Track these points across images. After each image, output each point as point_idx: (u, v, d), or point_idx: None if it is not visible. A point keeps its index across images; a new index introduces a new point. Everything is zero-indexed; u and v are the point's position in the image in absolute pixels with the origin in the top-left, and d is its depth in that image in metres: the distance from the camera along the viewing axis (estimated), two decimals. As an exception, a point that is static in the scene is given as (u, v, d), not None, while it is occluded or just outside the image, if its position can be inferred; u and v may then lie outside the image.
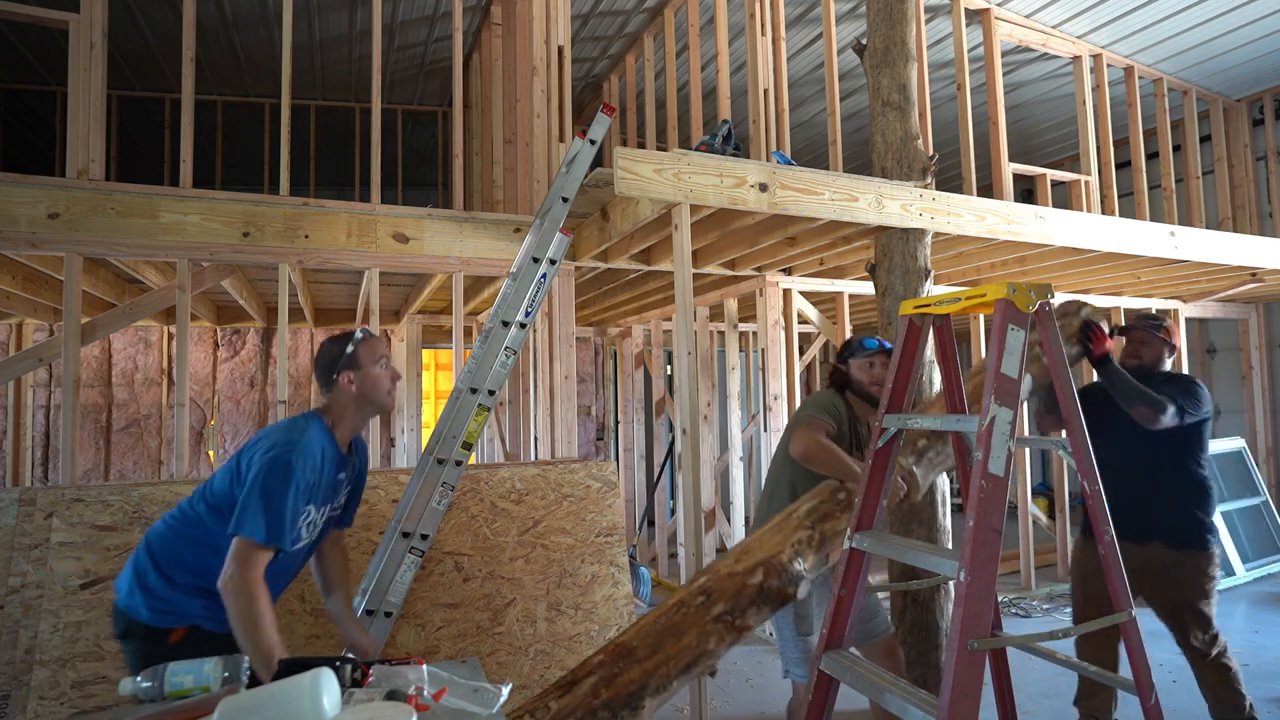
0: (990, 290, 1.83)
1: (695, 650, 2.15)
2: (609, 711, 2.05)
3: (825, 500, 2.41)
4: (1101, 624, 1.86)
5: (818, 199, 3.43)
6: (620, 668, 2.11)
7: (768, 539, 2.35)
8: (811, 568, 2.30)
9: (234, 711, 1.32)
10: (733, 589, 2.22)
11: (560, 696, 2.07)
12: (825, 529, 2.34)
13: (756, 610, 2.22)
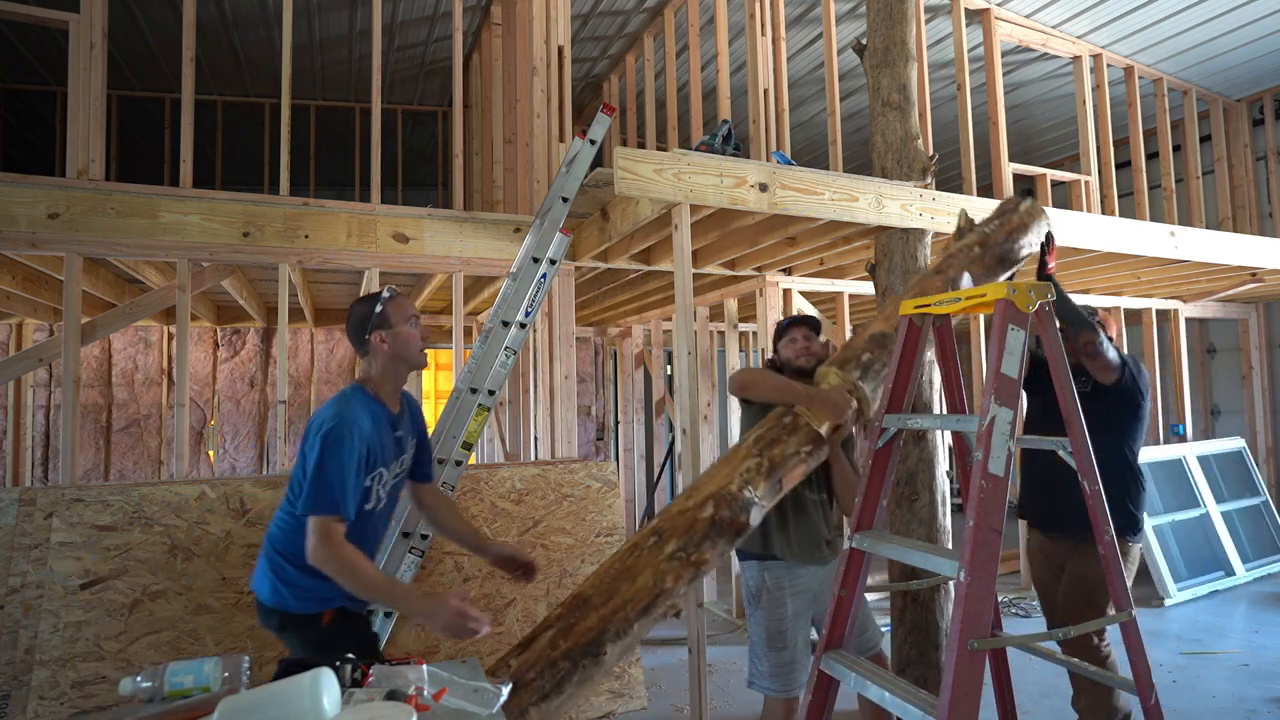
0: (990, 290, 1.83)
1: (652, 591, 2.11)
2: (569, 661, 2.02)
3: (771, 426, 2.36)
4: (1102, 624, 1.86)
5: (818, 199, 3.43)
6: (577, 617, 2.08)
7: (717, 472, 2.31)
8: (764, 494, 2.26)
9: (234, 711, 1.32)
10: (684, 525, 2.19)
11: (520, 653, 2.05)
12: (773, 454, 2.29)
13: (711, 543, 2.19)
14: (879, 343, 2.46)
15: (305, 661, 1.50)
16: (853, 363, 2.44)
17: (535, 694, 1.97)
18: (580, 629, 2.05)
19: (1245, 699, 3.47)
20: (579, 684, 2.06)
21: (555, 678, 2.01)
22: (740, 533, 2.25)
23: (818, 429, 2.32)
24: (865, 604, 2.50)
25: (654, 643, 4.31)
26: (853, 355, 2.47)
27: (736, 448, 2.38)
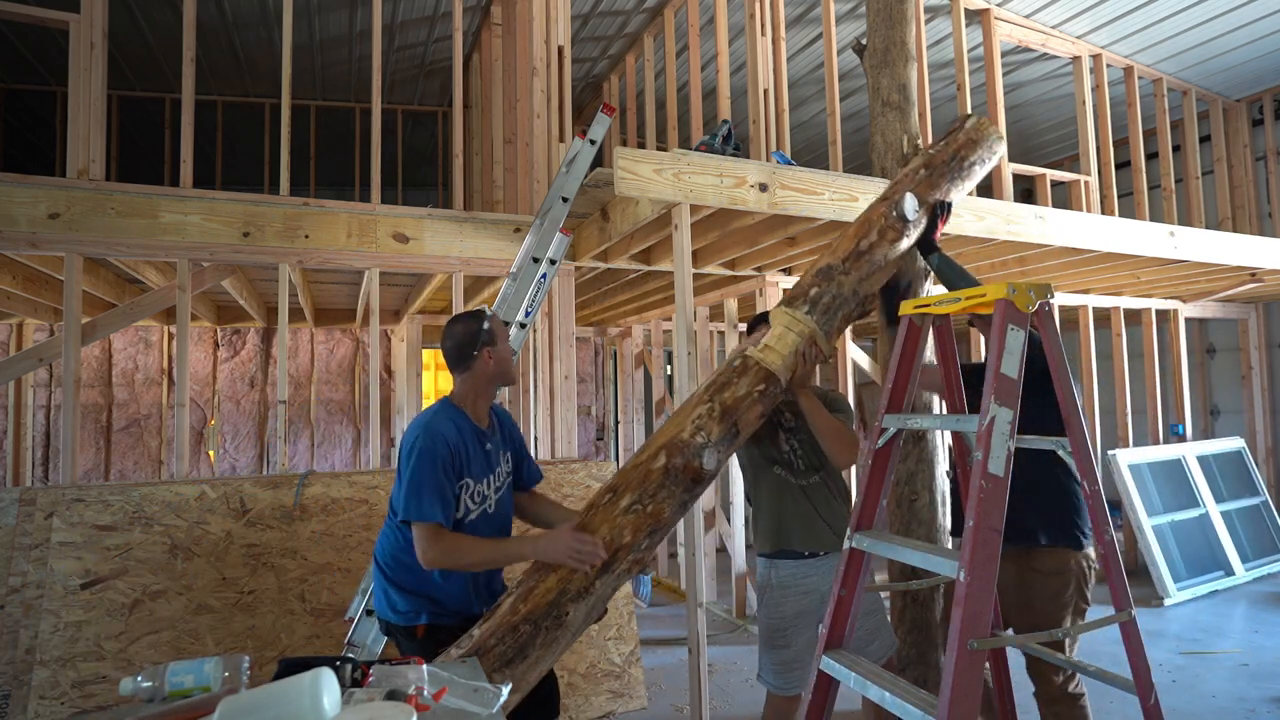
0: (990, 290, 1.83)
1: (611, 546, 2.07)
2: (530, 625, 2.00)
3: (722, 371, 2.33)
4: (1102, 624, 1.86)
5: (818, 199, 3.43)
6: (536, 580, 2.05)
7: (670, 423, 2.28)
8: (718, 439, 2.20)
9: (234, 711, 1.32)
10: (638, 478, 2.15)
11: (484, 622, 2.03)
12: (724, 398, 2.24)
13: (667, 493, 2.14)
14: (825, 275, 2.42)
15: (305, 661, 1.50)
16: (800, 299, 2.39)
17: (497, 660, 1.96)
18: (539, 591, 2.03)
19: (1245, 699, 3.47)
20: (543, 647, 2.03)
21: (517, 642, 1.98)
22: (698, 479, 2.18)
23: (769, 369, 2.27)
24: (881, 611, 2.46)
25: (654, 643, 4.32)
26: (800, 292, 2.41)
27: (693, 394, 2.34)
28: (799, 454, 2.47)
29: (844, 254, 2.46)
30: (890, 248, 2.49)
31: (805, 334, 2.33)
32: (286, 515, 3.02)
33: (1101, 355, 6.04)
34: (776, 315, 2.39)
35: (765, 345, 2.34)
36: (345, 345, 7.24)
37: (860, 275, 2.44)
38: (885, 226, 2.49)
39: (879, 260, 2.46)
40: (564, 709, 3.20)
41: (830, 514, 2.45)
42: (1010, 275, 5.34)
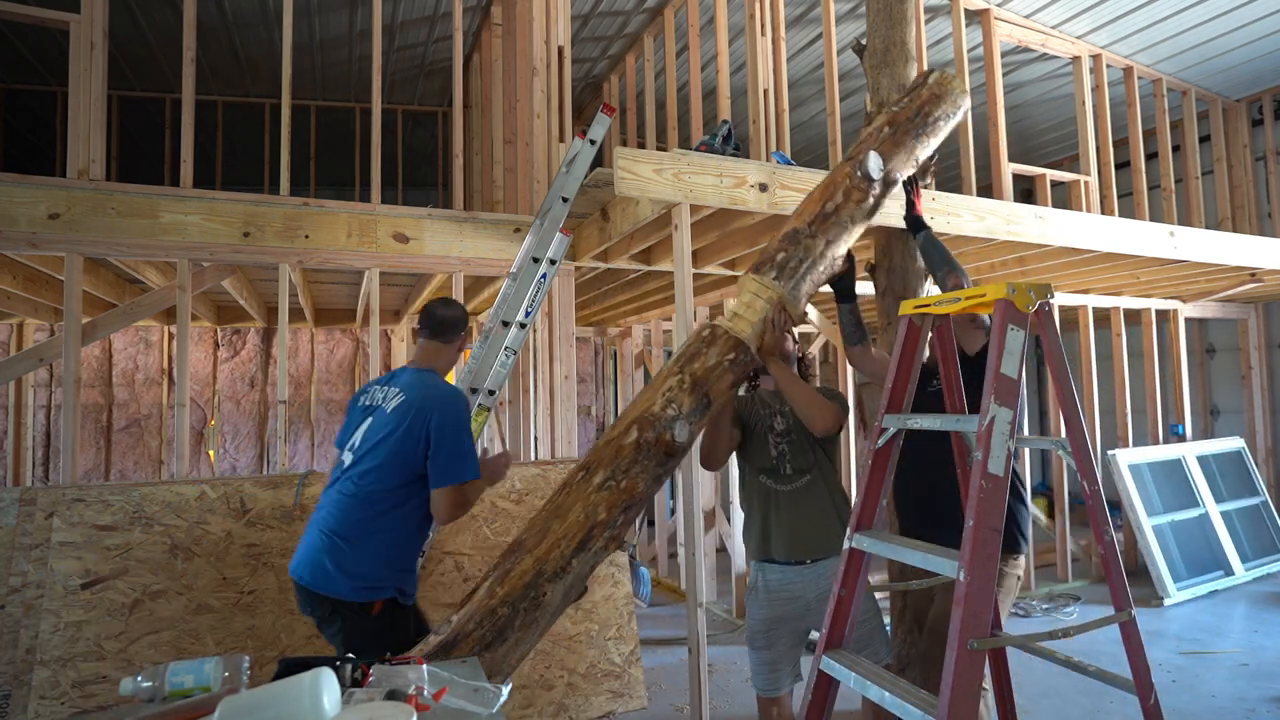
0: (990, 290, 1.83)
1: (585, 524, 2.06)
2: (508, 607, 1.98)
3: (691, 342, 2.30)
4: (1103, 623, 1.86)
5: (818, 199, 3.43)
6: (512, 562, 2.04)
7: (641, 398, 2.25)
8: (689, 410, 2.18)
9: (234, 711, 1.32)
10: (610, 454, 2.13)
11: (461, 608, 2.02)
12: (694, 369, 2.22)
13: (641, 468, 2.12)
14: (791, 240, 2.37)
15: (305, 661, 1.50)
16: (767, 265, 2.34)
17: (476, 644, 1.94)
18: (516, 573, 2.02)
19: (1245, 699, 3.48)
20: (522, 629, 2.01)
21: (495, 625, 1.97)
22: (671, 452, 2.16)
23: (738, 337, 2.24)
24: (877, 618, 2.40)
25: (654, 643, 4.32)
26: (767, 258, 2.36)
27: (662, 367, 2.31)
28: (786, 458, 2.43)
29: (810, 217, 2.41)
30: (856, 208, 2.45)
31: (774, 300, 2.29)
32: (287, 515, 3.02)
33: (1101, 355, 6.04)
34: (745, 282, 2.35)
35: (734, 313, 2.31)
36: (345, 345, 7.24)
37: (828, 238, 2.40)
38: (850, 187, 2.45)
39: (845, 221, 2.43)
40: (564, 709, 3.20)
41: (819, 518, 2.38)
42: (1010, 275, 5.34)
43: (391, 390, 2.27)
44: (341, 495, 2.18)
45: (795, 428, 2.43)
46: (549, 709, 3.18)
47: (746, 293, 2.32)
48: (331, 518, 2.18)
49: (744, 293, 2.33)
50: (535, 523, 2.13)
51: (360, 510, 2.15)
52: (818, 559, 2.38)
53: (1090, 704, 3.42)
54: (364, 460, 2.18)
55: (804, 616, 2.39)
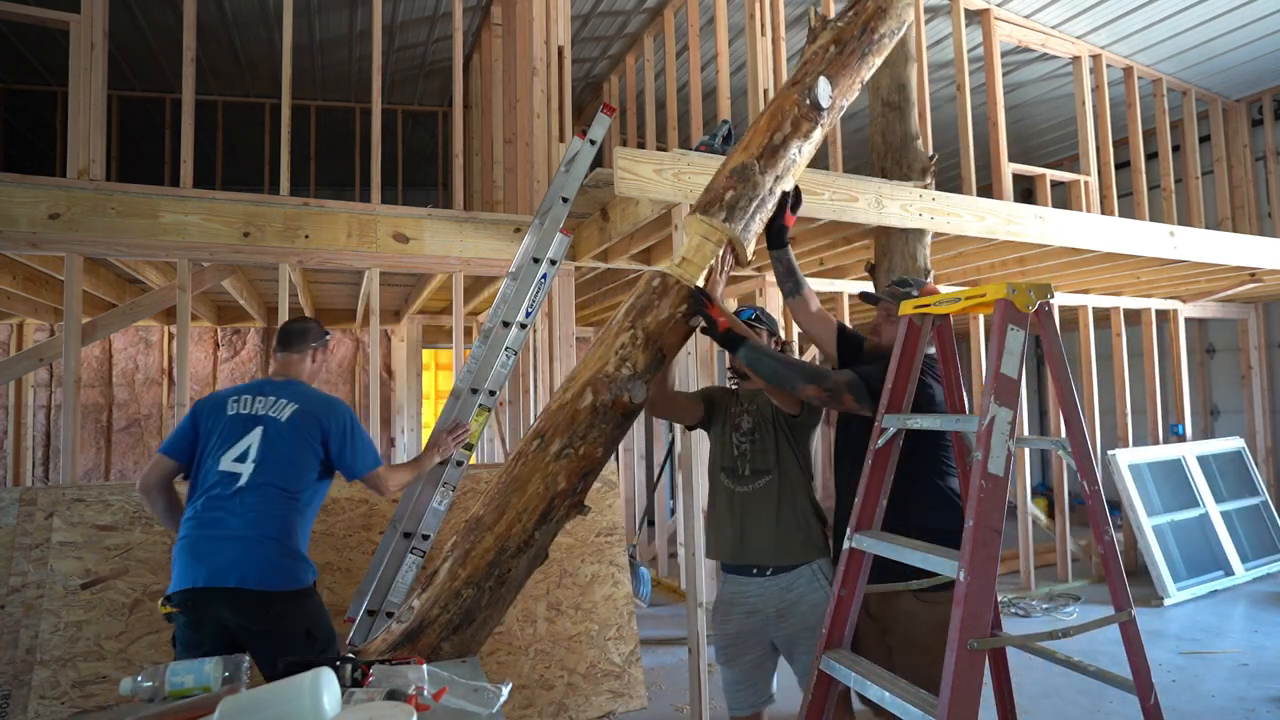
0: (990, 290, 1.83)
1: (546, 496, 1.99)
2: (473, 588, 1.93)
3: (641, 294, 2.15)
4: (1103, 623, 1.86)
5: (817, 199, 3.43)
6: (472, 541, 1.95)
7: (592, 355, 2.12)
8: (645, 368, 2.08)
9: (234, 711, 1.32)
10: (565, 420, 2.04)
11: (422, 591, 1.95)
12: (647, 324, 2.09)
13: (598, 432, 2.04)
14: (741, 176, 2.19)
15: (305, 661, 1.50)
16: (716, 205, 2.17)
17: (444, 629, 1.90)
18: (477, 553, 1.95)
19: (1245, 699, 3.48)
20: (490, 607, 1.97)
21: (462, 608, 1.92)
22: (628, 414, 2.09)
23: (690, 284, 2.12)
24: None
25: (654, 643, 4.32)
26: (714, 198, 2.19)
27: (609, 324, 2.17)
28: (746, 458, 2.28)
29: (758, 149, 2.21)
30: (804, 140, 2.28)
31: (723, 243, 2.17)
32: (286, 515, 3.02)
33: (1101, 355, 6.04)
34: (691, 224, 2.21)
35: (682, 258, 2.17)
36: (345, 345, 7.25)
37: (775, 173, 2.23)
38: (799, 116, 2.25)
39: (793, 155, 2.25)
40: (564, 709, 3.20)
41: (772, 524, 2.21)
42: (1010, 275, 5.34)
43: (274, 400, 2.38)
44: (263, 500, 2.25)
45: (761, 427, 2.30)
46: (549, 709, 3.18)
47: (695, 235, 2.18)
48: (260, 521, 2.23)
49: (691, 235, 2.19)
50: (493, 498, 2.03)
51: (285, 510, 2.28)
52: (778, 570, 2.20)
53: (1090, 704, 3.43)
54: (274, 465, 2.28)
55: (766, 630, 2.23)
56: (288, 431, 2.32)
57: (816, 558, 2.22)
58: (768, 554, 2.20)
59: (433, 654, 1.89)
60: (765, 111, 2.28)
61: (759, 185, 2.19)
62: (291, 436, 2.32)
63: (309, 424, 2.35)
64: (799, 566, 2.20)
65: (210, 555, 2.18)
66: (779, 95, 2.31)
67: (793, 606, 2.19)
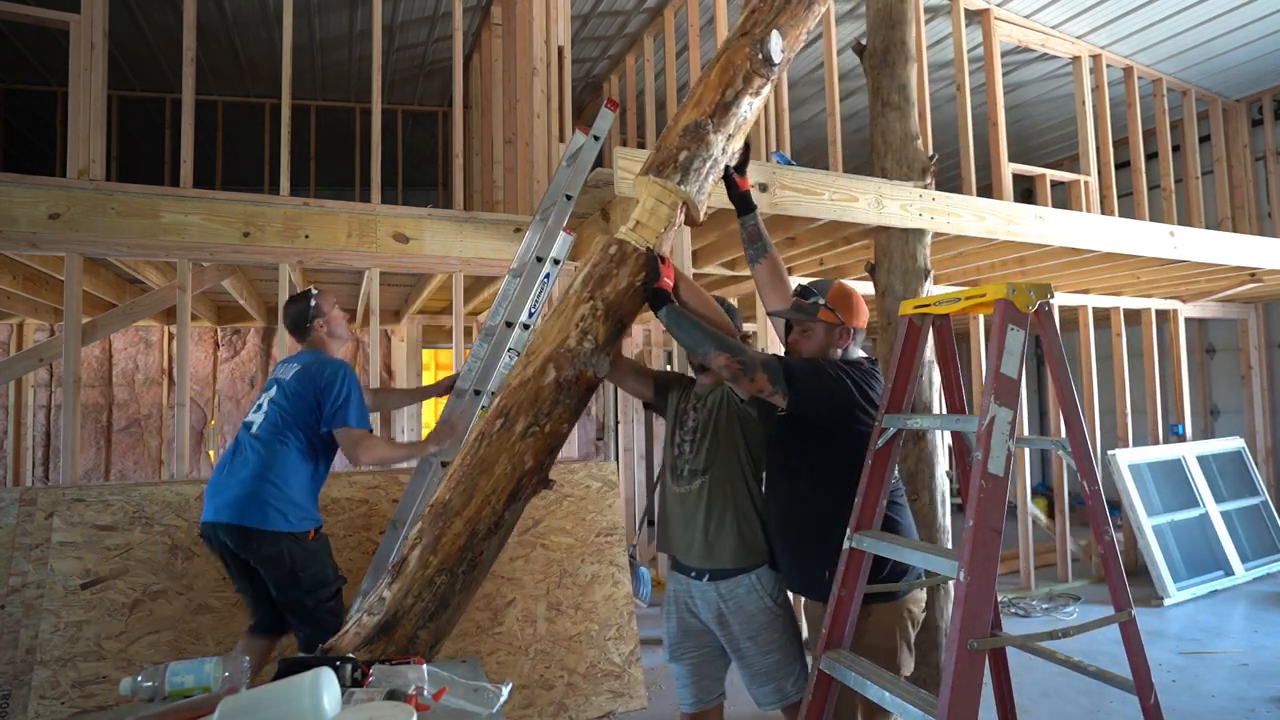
0: (990, 290, 1.83)
1: (514, 476, 1.97)
2: (446, 574, 1.91)
3: (598, 262, 2.08)
4: (1103, 623, 1.86)
5: (817, 199, 3.43)
6: (441, 527, 1.94)
7: (550, 329, 2.07)
8: (606, 339, 2.04)
9: (234, 711, 1.32)
10: (529, 398, 1.99)
11: (392, 581, 1.92)
12: (607, 294, 2.04)
13: (563, 408, 2.01)
14: (695, 135, 2.11)
15: (305, 661, 1.50)
16: (670, 166, 2.10)
17: (420, 617, 1.88)
18: (448, 539, 1.92)
19: (1245, 699, 3.48)
20: (463, 591, 1.97)
21: (436, 595, 1.90)
22: (591, 388, 2.06)
23: (648, 251, 2.07)
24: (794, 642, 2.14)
25: (654, 642, 4.31)
26: (668, 158, 2.11)
27: (566, 293, 2.11)
28: (685, 457, 2.21)
29: (710, 106, 2.13)
30: (755, 96, 2.20)
31: (679, 205, 2.11)
32: (287, 515, 3.02)
33: (1101, 355, 6.04)
34: (645, 186, 2.13)
35: (637, 221, 2.10)
36: (345, 346, 7.24)
37: (728, 131, 2.16)
38: (750, 71, 2.16)
39: (744, 113, 2.18)
40: (564, 709, 3.21)
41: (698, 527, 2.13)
42: (1010, 275, 5.34)
43: (290, 364, 2.76)
44: (259, 443, 2.58)
45: (705, 426, 2.20)
46: (549, 709, 3.18)
47: (649, 198, 2.11)
48: (257, 463, 2.55)
49: (646, 198, 2.12)
50: (459, 481, 1.98)
51: (283, 457, 2.56)
52: (715, 576, 2.12)
53: (1090, 704, 3.43)
54: (273, 415, 2.61)
55: (708, 633, 2.17)
56: (290, 388, 2.65)
57: (756, 566, 2.11)
58: (701, 558, 2.13)
59: (410, 643, 1.88)
60: (714, 65, 2.18)
61: (712, 145, 2.12)
62: (292, 393, 2.64)
63: (307, 381, 2.64)
64: (737, 575, 2.10)
65: (217, 494, 2.55)
66: (728, 48, 2.21)
67: (731, 615, 2.10)
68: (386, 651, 1.84)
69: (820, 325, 2.08)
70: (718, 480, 2.15)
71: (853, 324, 2.09)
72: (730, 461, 2.16)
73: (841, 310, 2.08)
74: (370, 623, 1.87)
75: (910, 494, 3.46)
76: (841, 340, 2.09)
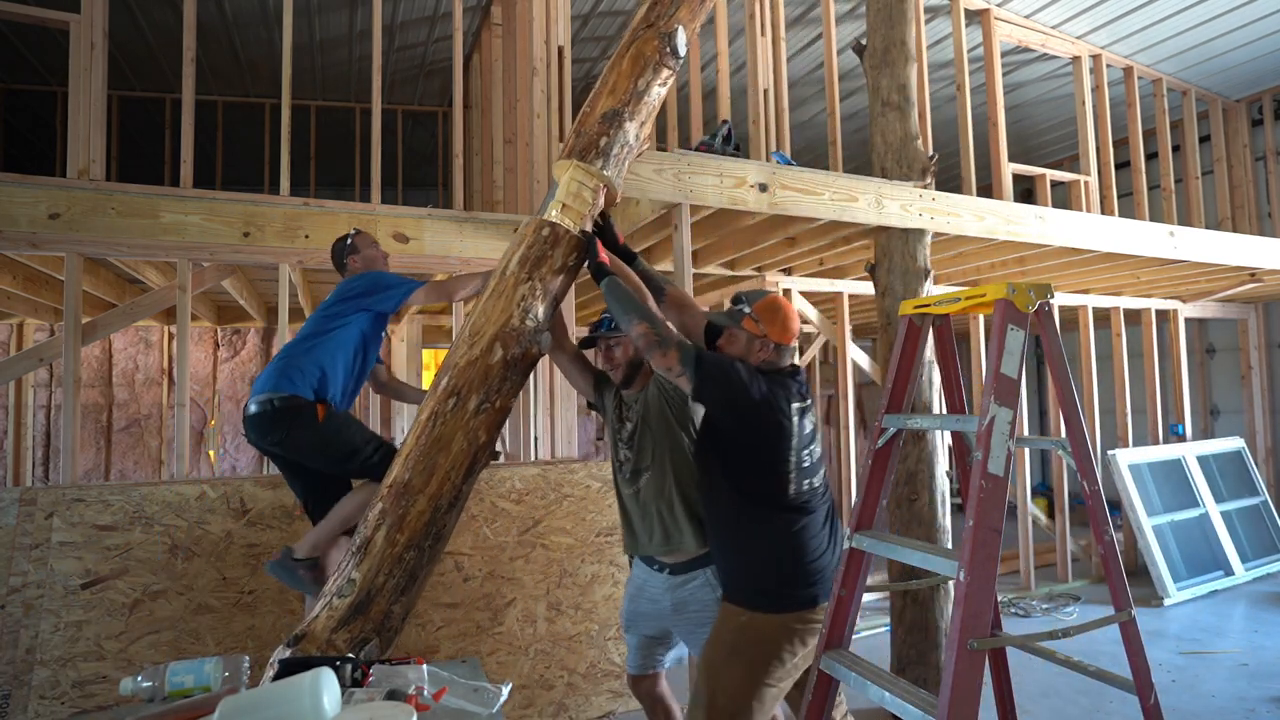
0: (990, 290, 1.83)
1: (470, 451, 2.08)
2: (414, 550, 2.00)
3: (532, 244, 2.19)
4: (1103, 623, 1.86)
5: (817, 199, 3.43)
6: (405, 506, 2.02)
7: (492, 309, 2.16)
8: (544, 317, 2.19)
9: (234, 711, 1.32)
10: (479, 376, 2.11)
11: (360, 562, 1.98)
12: (543, 274, 2.16)
13: (510, 384, 2.15)
14: (613, 121, 2.24)
15: (305, 661, 1.50)
16: (593, 151, 2.23)
17: (393, 593, 1.96)
18: (413, 516, 2.01)
19: (1245, 699, 3.48)
20: (430, 562, 2.07)
21: (406, 570, 1.99)
22: (533, 364, 2.23)
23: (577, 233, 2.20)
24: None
25: (654, 642, 4.32)
26: (590, 142, 2.24)
27: (502, 274, 2.19)
28: (630, 462, 2.29)
29: (624, 94, 2.27)
30: (662, 86, 2.34)
31: (601, 188, 2.24)
32: (287, 515, 3.02)
33: (1101, 355, 6.04)
34: (567, 170, 2.23)
35: (563, 204, 2.21)
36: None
37: (640, 119, 2.31)
38: (659, 63, 2.30)
39: (653, 101, 2.33)
40: (564, 709, 3.21)
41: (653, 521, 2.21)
42: (1010, 275, 5.34)
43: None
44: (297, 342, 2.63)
45: (641, 428, 2.29)
46: (549, 709, 3.18)
47: (573, 182, 2.22)
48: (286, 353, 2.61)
49: (569, 181, 2.22)
50: (417, 460, 2.06)
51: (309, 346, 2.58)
52: (675, 570, 2.21)
53: (1090, 704, 3.43)
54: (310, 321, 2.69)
55: (662, 620, 2.27)
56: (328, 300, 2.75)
57: (711, 562, 2.19)
58: (659, 551, 2.22)
59: (385, 619, 1.94)
60: (625, 55, 2.31)
61: (627, 132, 2.27)
62: (330, 302, 2.72)
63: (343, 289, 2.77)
64: (695, 569, 2.19)
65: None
66: (636, 38, 2.32)
67: (685, 605, 2.20)
68: (364, 630, 1.89)
69: (743, 333, 2.08)
70: (660, 475, 2.23)
71: (776, 338, 2.06)
72: (670, 457, 2.24)
73: (765, 322, 2.06)
74: (342, 605, 1.92)
75: (910, 494, 3.46)
76: (762, 351, 2.06)
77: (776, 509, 1.99)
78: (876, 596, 4.81)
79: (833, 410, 8.29)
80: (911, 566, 2.49)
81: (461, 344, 2.16)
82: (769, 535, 1.99)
